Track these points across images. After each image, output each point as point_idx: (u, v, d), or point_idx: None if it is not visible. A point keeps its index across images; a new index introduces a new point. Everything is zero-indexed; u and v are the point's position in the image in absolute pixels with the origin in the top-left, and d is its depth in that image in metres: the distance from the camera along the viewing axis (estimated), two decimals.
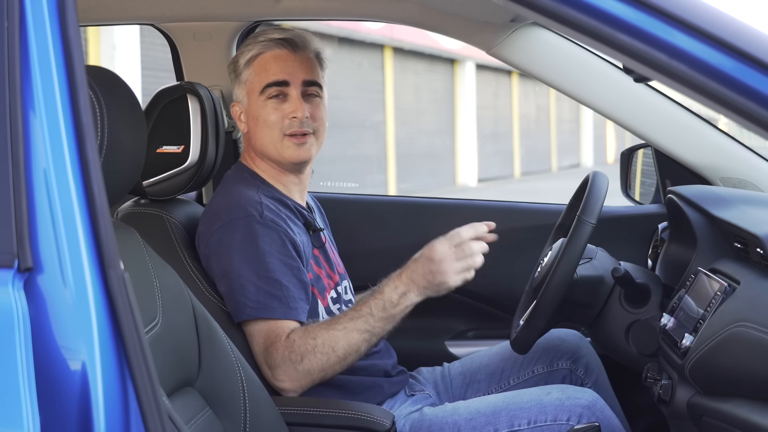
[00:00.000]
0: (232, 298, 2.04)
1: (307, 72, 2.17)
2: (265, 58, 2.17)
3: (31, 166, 1.14)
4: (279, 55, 2.16)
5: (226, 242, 2.05)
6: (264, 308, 2.01)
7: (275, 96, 2.15)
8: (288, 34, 2.17)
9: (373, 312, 1.99)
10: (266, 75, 2.16)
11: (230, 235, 2.05)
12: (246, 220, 2.05)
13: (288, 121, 2.14)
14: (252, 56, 2.18)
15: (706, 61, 1.13)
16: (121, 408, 1.12)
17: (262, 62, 2.17)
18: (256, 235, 2.04)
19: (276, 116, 2.15)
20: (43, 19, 1.16)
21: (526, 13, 1.22)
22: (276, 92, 2.15)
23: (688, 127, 2.50)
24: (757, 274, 1.77)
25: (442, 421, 2.07)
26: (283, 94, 2.15)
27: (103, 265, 1.13)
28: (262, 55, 2.17)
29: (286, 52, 2.16)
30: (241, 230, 2.05)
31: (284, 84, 2.15)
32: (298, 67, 2.16)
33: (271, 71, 2.15)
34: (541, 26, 2.45)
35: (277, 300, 2.01)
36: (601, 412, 2.03)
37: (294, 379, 1.99)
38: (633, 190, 2.85)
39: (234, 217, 2.06)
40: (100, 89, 1.35)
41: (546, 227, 2.54)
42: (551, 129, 23.38)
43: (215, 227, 2.08)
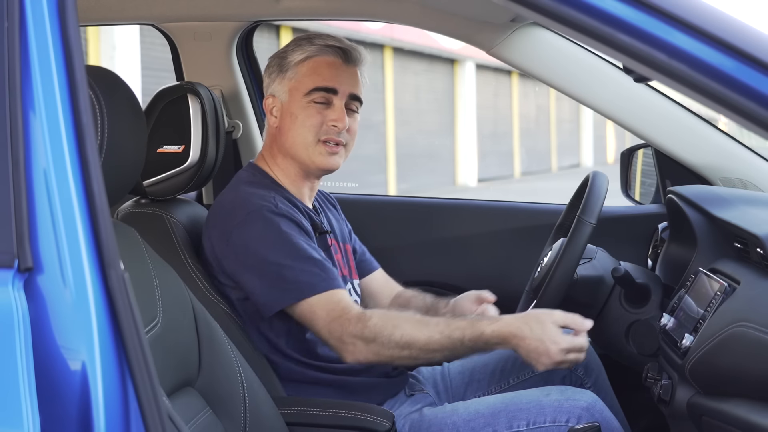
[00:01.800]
0: (271, 288, 2.03)
1: (354, 86, 2.19)
2: (319, 61, 2.17)
3: (31, 166, 1.14)
4: (333, 62, 2.17)
5: (248, 236, 2.05)
6: (306, 286, 2.01)
7: (319, 101, 2.15)
8: (345, 45, 2.19)
9: (465, 342, 1.97)
10: (317, 78, 2.16)
11: (249, 228, 2.05)
12: (261, 213, 2.05)
13: (326, 127, 2.15)
14: (306, 56, 2.17)
15: (706, 61, 1.13)
16: (121, 408, 1.12)
17: (315, 65, 2.17)
18: (275, 223, 2.04)
19: (316, 120, 2.15)
20: (43, 19, 1.16)
21: (526, 13, 1.22)
22: (322, 98, 2.15)
23: (688, 127, 2.50)
24: (757, 274, 1.77)
25: (441, 422, 2.06)
26: (327, 101, 2.16)
27: (103, 265, 1.13)
28: (317, 58, 2.17)
29: (339, 62, 2.17)
30: (260, 222, 2.05)
31: (332, 92, 2.16)
32: (348, 78, 2.17)
33: (323, 76, 2.16)
34: (541, 26, 2.45)
35: (315, 276, 2.02)
36: (600, 413, 2.02)
37: (362, 352, 1.98)
38: (633, 190, 2.85)
39: (250, 210, 2.06)
40: (100, 89, 1.35)
41: (546, 227, 2.55)
42: (551, 129, 23.37)
43: (234, 222, 2.07)
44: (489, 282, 2.80)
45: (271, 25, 12.09)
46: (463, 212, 2.90)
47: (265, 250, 2.03)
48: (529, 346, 1.94)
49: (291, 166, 2.20)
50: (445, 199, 3.03)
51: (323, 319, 2.00)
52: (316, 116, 2.15)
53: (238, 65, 2.76)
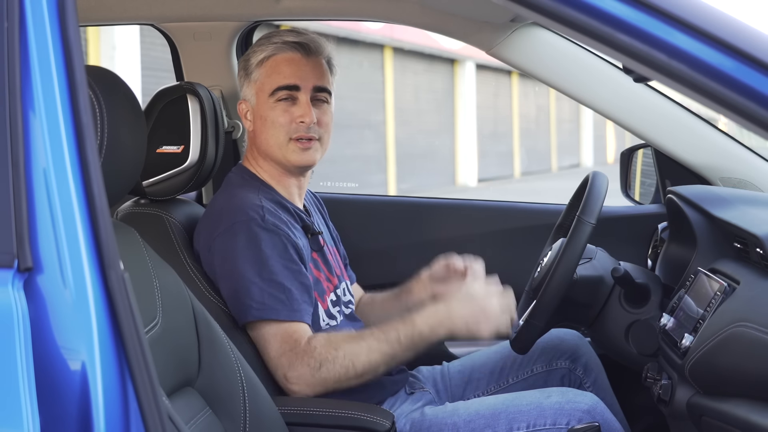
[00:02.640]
0: (237, 300, 2.04)
1: (318, 78, 2.17)
2: (278, 60, 2.16)
3: (31, 166, 1.14)
4: (292, 58, 2.16)
5: (229, 246, 2.05)
6: (268, 309, 2.01)
7: (284, 99, 2.15)
8: (302, 38, 2.17)
9: (401, 340, 2.00)
10: (278, 77, 2.15)
11: (233, 238, 2.05)
12: (248, 224, 2.05)
13: (295, 125, 2.14)
14: (265, 57, 2.17)
15: (706, 61, 1.13)
16: (121, 408, 1.12)
17: (274, 64, 2.16)
18: (258, 239, 2.04)
19: (284, 119, 2.14)
20: (43, 19, 1.16)
21: (526, 13, 1.22)
22: (286, 95, 2.15)
23: (688, 127, 2.50)
24: (757, 274, 1.77)
25: (442, 422, 2.07)
26: (292, 98, 2.15)
27: (103, 265, 1.13)
28: (275, 56, 2.16)
29: (299, 56, 2.16)
30: (244, 234, 2.05)
31: (295, 88, 2.15)
32: (309, 72, 2.16)
33: (283, 74, 2.15)
34: (541, 26, 2.45)
35: (280, 302, 2.02)
36: (601, 416, 2.02)
37: (309, 385, 1.99)
38: (633, 190, 2.86)
39: (236, 220, 2.06)
40: (100, 89, 1.35)
41: (546, 227, 2.54)
42: (551, 129, 23.37)
43: (218, 231, 2.07)
44: None
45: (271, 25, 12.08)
46: (462, 212, 2.90)
47: (241, 263, 2.03)
48: (464, 321, 2.00)
49: (272, 166, 2.20)
50: (445, 199, 3.03)
51: (275, 350, 2.01)
52: (283, 115, 2.14)
53: (237, 65, 2.76)
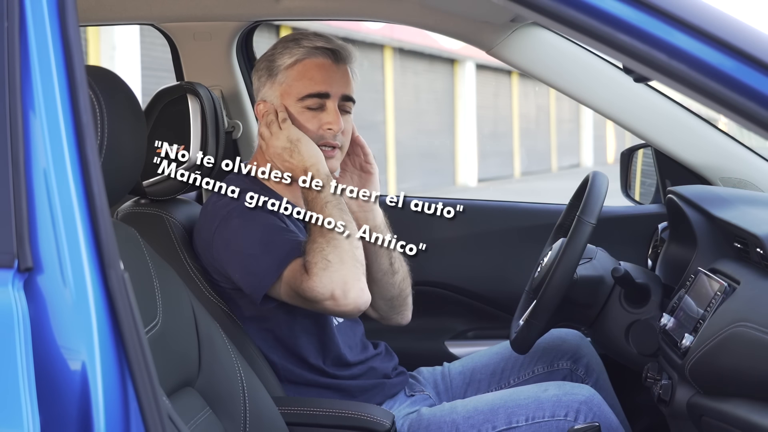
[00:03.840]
0: (251, 274, 2.01)
1: (346, 86, 2.16)
2: (308, 65, 2.14)
3: (31, 166, 1.14)
4: (322, 64, 2.14)
5: (227, 231, 2.04)
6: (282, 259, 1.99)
7: (313, 107, 2.13)
8: (333, 45, 2.15)
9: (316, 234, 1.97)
10: (309, 84, 2.13)
11: (230, 222, 2.05)
12: (240, 208, 2.03)
13: (322, 131, 2.12)
14: (295, 60, 2.14)
15: (706, 61, 1.13)
16: (121, 408, 1.12)
17: (304, 69, 2.14)
18: (253, 216, 2.03)
19: (313, 125, 2.12)
20: (43, 19, 1.16)
21: (526, 13, 1.22)
22: (315, 103, 2.13)
23: (688, 127, 2.50)
24: (757, 274, 1.77)
25: (441, 420, 2.07)
26: (320, 105, 2.13)
27: (103, 265, 1.13)
28: (305, 61, 2.14)
29: (329, 62, 2.14)
30: (238, 217, 2.04)
31: (325, 96, 2.13)
32: (339, 80, 2.15)
33: (314, 80, 2.13)
34: (541, 26, 2.45)
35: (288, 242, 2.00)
36: (598, 407, 2.03)
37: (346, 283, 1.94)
38: (633, 190, 2.86)
39: (230, 208, 2.06)
40: (100, 89, 1.35)
41: (546, 227, 2.54)
42: (551, 129, 23.37)
43: (215, 224, 2.07)
44: (489, 282, 2.81)
45: (271, 25, 12.09)
46: (463, 212, 2.90)
47: (243, 240, 2.02)
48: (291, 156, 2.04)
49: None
50: (445, 199, 3.03)
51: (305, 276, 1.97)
52: (311, 121, 2.12)
53: (238, 65, 2.76)
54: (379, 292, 2.25)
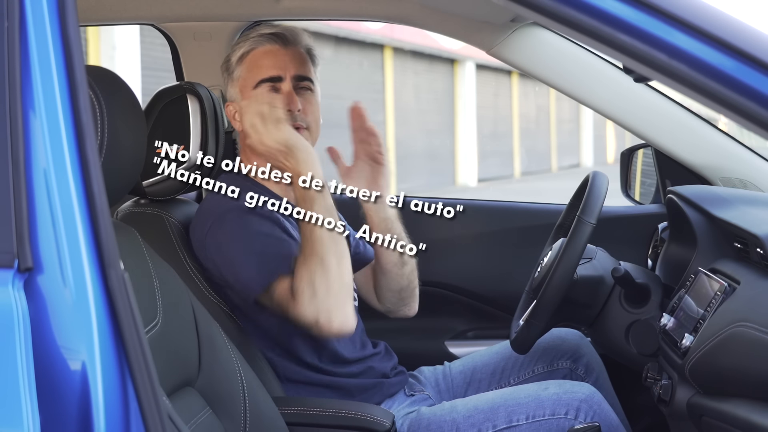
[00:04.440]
0: (242, 282, 2.01)
1: (298, 67, 2.16)
2: (257, 54, 2.16)
3: (31, 166, 1.14)
4: (270, 50, 2.15)
5: (221, 235, 2.04)
6: (272, 272, 1.98)
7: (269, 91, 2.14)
8: (278, 29, 2.16)
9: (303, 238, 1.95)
10: (258, 71, 2.15)
11: (223, 226, 2.04)
12: (237, 211, 2.03)
13: None
14: (243, 53, 2.17)
15: (706, 61, 1.13)
16: (121, 408, 1.12)
17: (253, 58, 2.16)
18: (248, 221, 2.02)
19: None
20: (43, 19, 1.16)
21: (526, 13, 1.22)
22: (270, 89, 2.14)
23: (688, 127, 2.50)
24: (757, 274, 1.77)
25: (441, 419, 2.07)
26: (275, 90, 2.14)
27: (103, 265, 1.13)
28: (254, 51, 2.16)
29: (277, 47, 2.16)
30: (233, 221, 2.04)
31: (277, 80, 2.14)
32: (289, 61, 2.15)
33: (264, 67, 2.14)
34: (541, 26, 2.45)
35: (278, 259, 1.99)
36: (598, 405, 2.03)
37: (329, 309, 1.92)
38: (633, 190, 2.86)
39: (224, 209, 2.05)
40: (100, 89, 1.35)
41: (546, 227, 2.54)
42: (551, 129, 23.37)
43: (208, 225, 2.07)
44: (489, 282, 2.81)
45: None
46: (463, 212, 2.90)
47: (235, 247, 2.02)
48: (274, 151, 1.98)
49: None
50: (445, 199, 3.03)
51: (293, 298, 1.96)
52: None
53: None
54: (388, 284, 2.28)
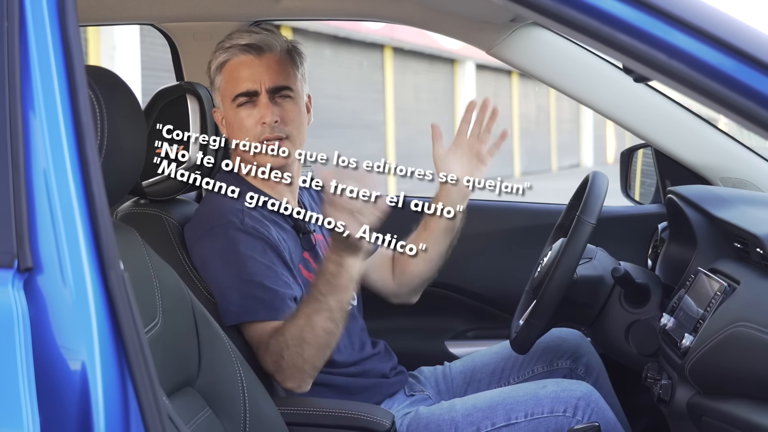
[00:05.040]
0: (219, 305, 2.03)
1: (272, 78, 2.13)
2: (233, 65, 2.14)
3: (31, 166, 1.14)
4: (244, 61, 2.14)
5: (207, 251, 2.05)
6: (248, 312, 2.00)
7: (246, 103, 2.13)
8: (252, 39, 2.14)
9: (321, 290, 1.92)
10: (235, 84, 2.14)
11: (211, 243, 2.05)
12: (226, 228, 2.04)
13: (260, 127, 2.11)
14: (220, 63, 2.16)
15: (706, 61, 1.13)
16: (121, 408, 1.12)
17: (230, 69, 2.15)
18: (236, 241, 2.02)
19: (249, 123, 2.12)
20: (43, 19, 1.16)
21: (526, 13, 1.22)
22: (247, 101, 2.13)
23: (688, 127, 2.50)
24: (757, 274, 1.77)
25: (440, 418, 2.07)
26: (252, 101, 2.13)
27: (103, 265, 1.13)
28: (230, 62, 2.15)
29: (251, 58, 2.14)
30: (222, 238, 2.04)
31: (253, 94, 2.13)
32: (264, 73, 2.13)
33: (239, 80, 2.13)
34: (541, 26, 2.45)
35: (261, 302, 2.00)
36: (596, 403, 2.04)
37: (290, 377, 1.97)
38: (633, 190, 2.86)
39: (214, 225, 2.05)
40: (100, 89, 1.35)
41: (546, 227, 2.54)
42: (551, 129, 23.37)
43: (197, 235, 2.07)
44: (489, 282, 2.81)
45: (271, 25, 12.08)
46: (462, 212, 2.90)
47: (220, 267, 2.03)
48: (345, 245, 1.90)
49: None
50: None
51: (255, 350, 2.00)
52: (247, 119, 2.12)
53: None
54: (422, 274, 2.32)
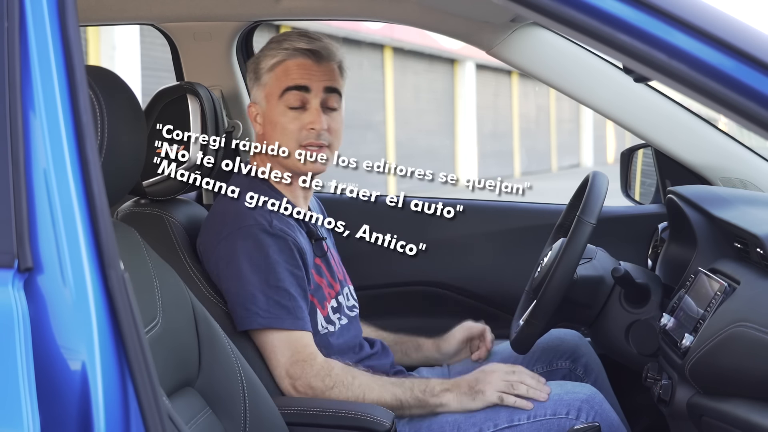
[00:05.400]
0: (241, 306, 2.03)
1: (329, 79, 2.15)
2: (288, 65, 2.14)
3: (31, 166, 1.14)
4: (302, 64, 2.14)
5: (234, 250, 2.05)
6: (275, 318, 2.02)
7: (296, 107, 2.13)
8: (314, 45, 2.15)
9: (413, 389, 2.04)
10: (288, 79, 2.14)
11: (239, 242, 2.04)
12: (255, 229, 2.04)
13: (306, 132, 2.12)
14: (275, 62, 2.15)
15: (706, 61, 1.13)
16: (121, 408, 1.12)
17: (284, 68, 2.15)
18: (266, 245, 2.03)
19: (294, 126, 2.12)
20: (43, 19, 1.16)
21: (526, 13, 1.22)
22: (297, 100, 2.13)
23: (688, 127, 2.50)
24: (757, 274, 1.77)
25: (442, 419, 2.07)
26: (303, 104, 2.13)
27: (103, 265, 1.13)
28: (286, 62, 2.15)
29: (310, 62, 2.14)
30: (251, 239, 2.04)
31: (305, 90, 2.13)
32: (321, 75, 2.14)
33: (293, 76, 2.13)
34: (541, 26, 2.45)
35: (286, 310, 2.02)
36: (599, 406, 2.04)
37: (315, 396, 2.01)
38: (633, 190, 2.86)
39: (243, 225, 2.05)
40: (100, 89, 1.35)
41: (546, 227, 2.54)
42: (551, 129, 23.37)
43: (223, 233, 2.07)
44: (489, 282, 2.81)
45: (271, 25, 12.08)
46: (463, 212, 2.90)
47: (247, 269, 2.03)
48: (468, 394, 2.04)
49: (281, 171, 2.16)
50: (445, 199, 3.02)
51: (286, 357, 2.02)
52: (293, 122, 2.12)
53: (238, 65, 2.76)
54: None
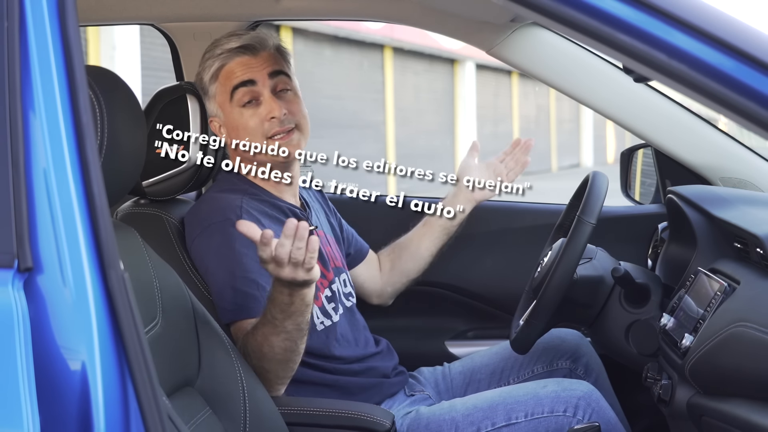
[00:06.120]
0: (216, 303, 2.03)
1: (271, 64, 2.15)
2: (228, 68, 2.15)
3: (31, 166, 1.14)
4: (240, 61, 2.14)
5: (204, 248, 2.05)
6: (243, 309, 1.99)
7: (248, 102, 2.12)
8: (244, 41, 2.15)
9: (276, 315, 1.86)
10: (231, 81, 2.14)
11: (207, 240, 2.05)
12: (223, 224, 2.04)
13: (267, 123, 2.11)
14: (215, 70, 2.16)
15: (706, 61, 1.13)
16: (121, 408, 1.12)
17: (225, 73, 2.15)
18: (232, 238, 2.01)
19: (255, 122, 2.12)
20: (43, 19, 1.16)
21: (526, 13, 1.22)
22: (247, 96, 2.12)
23: (688, 127, 2.50)
24: (757, 274, 1.77)
25: (440, 418, 2.07)
26: (255, 98, 2.12)
27: (103, 265, 1.13)
28: (224, 66, 2.15)
29: (246, 58, 2.14)
30: (218, 234, 2.04)
31: (251, 83, 2.13)
32: (261, 65, 2.14)
33: (235, 75, 2.14)
34: (541, 26, 2.45)
35: (255, 300, 1.99)
36: (597, 403, 2.04)
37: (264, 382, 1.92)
38: (633, 190, 2.86)
39: (212, 222, 2.05)
40: (100, 89, 1.36)
41: (546, 227, 2.55)
42: (551, 129, 23.37)
43: (195, 233, 2.07)
44: (489, 282, 2.81)
45: (271, 25, 12.08)
46: (463, 212, 2.90)
47: (215, 265, 2.03)
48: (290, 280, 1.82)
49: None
50: None
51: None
52: (252, 118, 2.12)
53: None
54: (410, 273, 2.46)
